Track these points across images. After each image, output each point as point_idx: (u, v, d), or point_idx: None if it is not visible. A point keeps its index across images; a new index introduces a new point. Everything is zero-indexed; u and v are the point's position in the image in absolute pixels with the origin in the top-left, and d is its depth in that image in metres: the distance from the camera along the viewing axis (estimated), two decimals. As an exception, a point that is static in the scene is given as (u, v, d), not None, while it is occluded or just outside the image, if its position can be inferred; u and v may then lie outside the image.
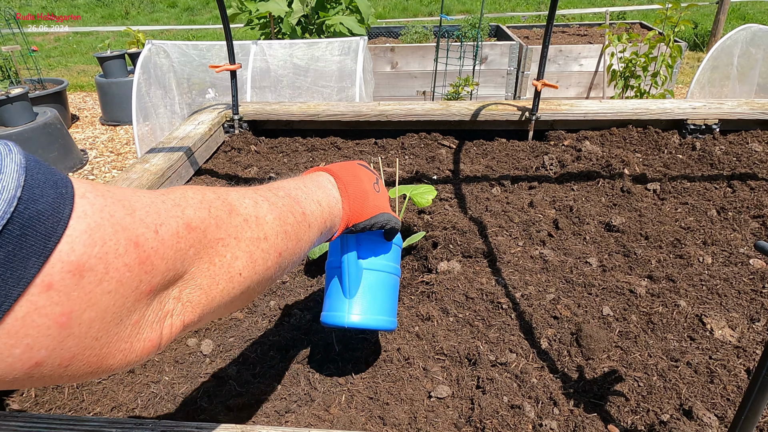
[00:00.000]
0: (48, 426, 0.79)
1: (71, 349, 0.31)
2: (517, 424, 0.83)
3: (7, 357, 0.29)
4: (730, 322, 1.01)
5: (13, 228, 0.27)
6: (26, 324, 0.29)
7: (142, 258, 0.33)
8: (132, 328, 0.35)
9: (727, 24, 6.03)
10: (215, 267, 0.40)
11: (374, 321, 0.82)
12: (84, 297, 0.30)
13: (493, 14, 6.71)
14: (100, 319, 0.32)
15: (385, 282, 0.84)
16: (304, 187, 0.60)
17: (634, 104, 1.84)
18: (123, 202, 0.34)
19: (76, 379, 0.34)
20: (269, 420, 0.86)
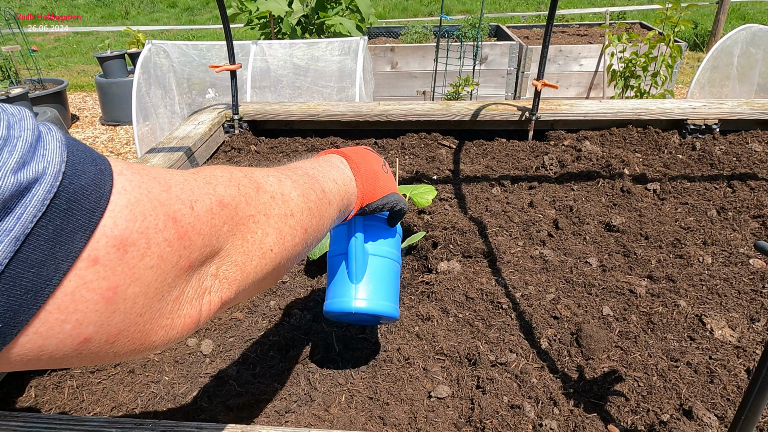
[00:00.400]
0: (48, 426, 0.79)
1: (117, 324, 0.32)
2: (517, 424, 0.83)
3: (58, 333, 0.29)
4: (730, 322, 1.01)
5: (60, 202, 0.28)
6: (75, 299, 0.29)
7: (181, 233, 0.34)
8: (173, 304, 0.35)
9: (727, 24, 6.03)
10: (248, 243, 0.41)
11: (380, 306, 0.81)
12: (128, 272, 0.31)
13: (493, 14, 6.71)
14: (143, 294, 0.32)
15: (389, 268, 0.84)
16: (319, 167, 0.60)
17: (634, 104, 1.84)
18: (158, 179, 0.35)
19: (120, 356, 0.35)
20: (269, 420, 0.86)
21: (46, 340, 0.29)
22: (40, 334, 0.29)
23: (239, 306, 1.13)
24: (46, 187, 0.27)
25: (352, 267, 0.80)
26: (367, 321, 0.91)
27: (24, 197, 0.27)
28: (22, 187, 0.26)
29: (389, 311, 0.83)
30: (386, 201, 0.71)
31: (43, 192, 0.27)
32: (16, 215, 0.26)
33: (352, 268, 0.80)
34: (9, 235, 0.26)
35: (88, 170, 0.30)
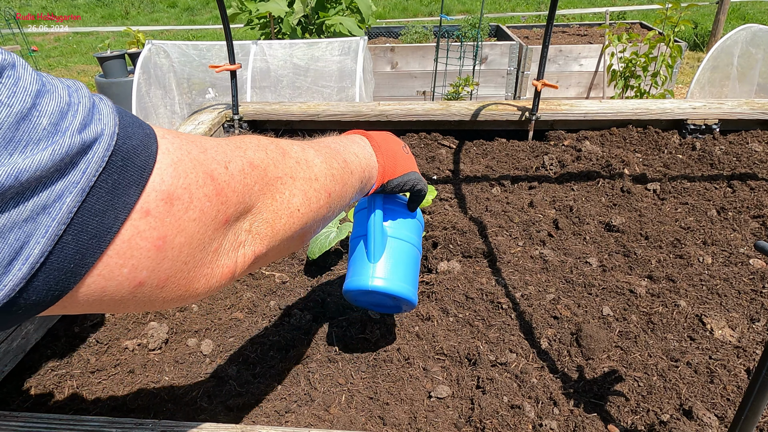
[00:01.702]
0: (48, 426, 0.79)
1: (166, 271, 0.36)
2: (517, 424, 0.83)
3: (117, 276, 0.34)
4: (730, 322, 1.01)
5: (116, 159, 0.32)
6: (131, 246, 0.33)
7: (218, 190, 0.38)
8: (212, 255, 0.40)
9: (727, 24, 6.03)
10: (277, 202, 0.45)
11: (397, 287, 0.81)
12: (175, 223, 0.35)
13: (493, 14, 6.71)
14: (188, 244, 0.37)
15: (408, 252, 0.84)
16: (341, 142, 0.64)
17: (634, 104, 1.84)
18: (195, 142, 0.39)
19: (168, 302, 0.39)
20: (269, 420, 0.86)
21: (108, 282, 0.34)
22: (102, 276, 0.33)
23: (239, 306, 1.13)
24: (104, 145, 0.32)
25: (370, 246, 0.81)
26: (385, 306, 0.90)
27: (86, 154, 0.31)
28: (85, 145, 0.31)
29: (406, 293, 0.83)
30: (407, 179, 0.74)
31: (102, 150, 0.31)
32: (81, 169, 0.31)
33: (371, 248, 0.81)
34: (77, 186, 0.30)
35: (137, 133, 0.34)
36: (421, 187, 0.78)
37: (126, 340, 1.05)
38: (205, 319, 1.10)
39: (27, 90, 0.29)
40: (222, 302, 1.15)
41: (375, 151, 0.69)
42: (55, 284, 0.31)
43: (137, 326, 1.09)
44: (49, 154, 0.29)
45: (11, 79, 0.29)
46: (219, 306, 1.14)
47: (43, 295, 0.31)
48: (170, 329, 1.07)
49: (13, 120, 0.28)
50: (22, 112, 0.28)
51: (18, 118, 0.28)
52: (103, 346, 1.04)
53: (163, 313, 1.12)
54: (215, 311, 1.12)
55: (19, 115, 0.28)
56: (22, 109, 0.28)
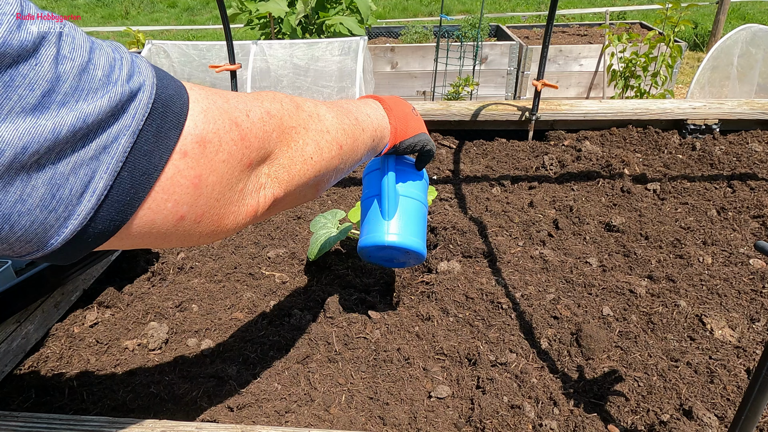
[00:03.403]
0: (48, 426, 0.79)
1: (202, 206, 0.41)
2: (517, 424, 0.83)
3: (163, 209, 0.39)
4: (730, 322, 1.01)
5: (158, 106, 0.37)
6: (174, 183, 0.38)
7: (242, 135, 0.43)
8: (239, 195, 0.44)
9: (727, 24, 6.03)
10: (292, 150, 0.50)
11: (411, 242, 0.86)
12: (208, 163, 0.40)
13: (493, 14, 6.70)
14: (219, 183, 0.41)
15: (418, 210, 0.90)
16: (354, 103, 0.68)
17: (634, 104, 1.84)
18: (219, 93, 0.44)
19: (203, 237, 0.44)
20: (269, 420, 0.86)
21: (156, 215, 0.38)
22: (152, 209, 0.38)
23: (239, 306, 1.13)
24: (147, 93, 0.36)
25: (384, 205, 0.86)
26: (396, 260, 0.94)
27: (134, 101, 0.35)
28: (132, 93, 0.35)
29: (419, 247, 0.88)
30: (418, 139, 0.78)
31: (147, 97, 0.36)
32: (131, 115, 0.35)
33: (385, 206, 0.86)
34: (129, 129, 0.35)
35: (171, 84, 0.39)
36: (430, 147, 0.82)
37: (126, 340, 1.05)
38: (205, 319, 1.10)
39: (83, 46, 0.34)
40: (222, 302, 1.15)
41: (387, 113, 0.73)
42: (116, 215, 0.36)
43: (137, 326, 1.09)
44: (107, 100, 0.34)
45: (70, 38, 0.33)
46: (219, 306, 1.14)
47: (107, 225, 0.36)
48: (170, 329, 1.07)
49: (76, 71, 0.33)
50: (82, 65, 0.33)
51: (80, 70, 0.33)
52: (103, 346, 1.04)
53: (163, 313, 1.12)
54: (215, 311, 1.12)
55: (81, 67, 0.33)
56: (81, 62, 0.33)
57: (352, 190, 1.62)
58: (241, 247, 1.35)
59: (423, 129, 0.81)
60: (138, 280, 1.23)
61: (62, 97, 0.32)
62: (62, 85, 0.32)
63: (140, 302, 1.15)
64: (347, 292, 1.15)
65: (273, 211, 0.52)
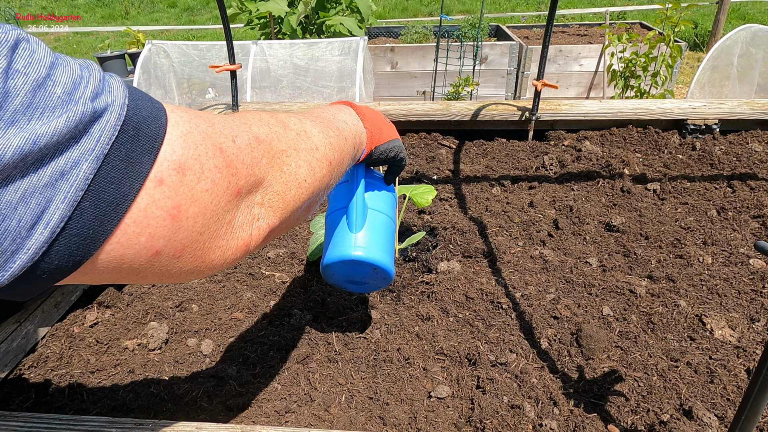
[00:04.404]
0: (48, 426, 0.79)
1: (182, 240, 0.37)
2: (517, 424, 0.83)
3: (135, 244, 0.35)
4: (730, 322, 1.01)
5: (128, 128, 0.33)
6: (147, 214, 0.35)
7: (227, 161, 0.39)
8: (227, 227, 0.41)
9: (727, 24, 6.03)
10: (285, 175, 0.47)
11: (379, 257, 0.81)
12: (188, 193, 0.36)
13: (493, 14, 6.71)
14: (202, 214, 0.38)
15: (386, 225, 0.85)
16: (330, 111, 0.66)
17: (634, 104, 1.84)
18: (202, 117, 0.41)
19: (185, 273, 0.40)
20: (269, 420, 0.86)
21: (126, 250, 0.35)
22: (121, 243, 0.34)
23: (239, 306, 1.13)
24: (116, 114, 0.33)
25: (352, 217, 0.80)
26: (361, 282, 0.88)
27: (98, 121, 0.32)
28: (96, 113, 0.32)
29: (386, 264, 0.82)
30: (392, 145, 0.76)
31: (114, 119, 0.33)
32: (95, 138, 0.32)
33: (353, 218, 0.80)
34: (92, 154, 0.32)
35: (146, 105, 0.36)
36: (403, 156, 0.80)
37: (126, 340, 1.05)
38: (205, 319, 1.10)
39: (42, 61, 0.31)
40: (222, 302, 1.15)
41: (361, 119, 0.70)
42: (76, 249, 0.33)
43: (137, 326, 1.09)
44: (64, 120, 0.30)
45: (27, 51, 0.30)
46: (219, 306, 1.14)
47: (65, 260, 0.33)
48: (170, 329, 1.07)
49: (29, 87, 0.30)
50: (38, 81, 0.30)
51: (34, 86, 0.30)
52: (103, 346, 1.04)
53: (163, 313, 1.12)
54: (215, 311, 1.12)
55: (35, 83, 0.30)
56: (37, 78, 0.30)
57: (352, 190, 1.62)
58: (241, 247, 1.35)
59: (396, 135, 0.79)
60: (138, 280, 1.23)
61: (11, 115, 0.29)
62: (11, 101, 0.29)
63: (140, 302, 1.15)
64: (347, 292, 1.15)
65: (266, 242, 0.49)
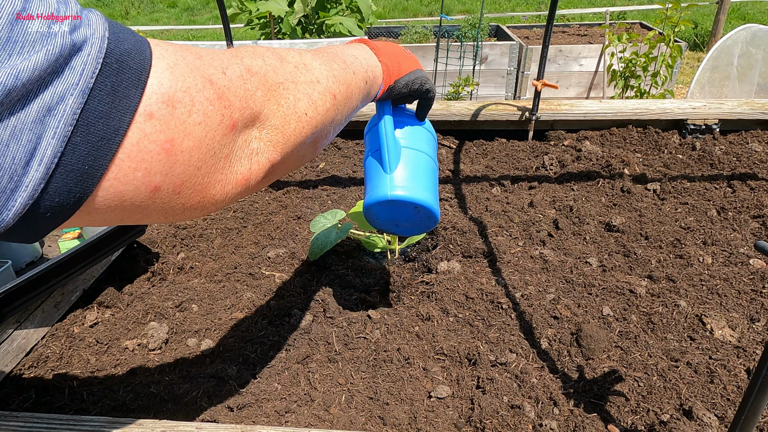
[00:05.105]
0: (48, 426, 0.79)
1: (180, 175, 0.37)
2: (517, 424, 0.83)
3: (132, 180, 0.35)
4: (730, 322, 1.01)
5: (111, 61, 0.33)
6: (141, 149, 0.34)
7: (219, 94, 0.39)
8: (224, 161, 0.40)
9: (727, 24, 6.03)
10: (283, 108, 0.46)
11: (419, 195, 0.77)
12: (180, 126, 0.36)
13: (493, 14, 6.70)
14: (197, 148, 0.37)
15: (425, 163, 0.81)
16: (338, 47, 0.63)
17: (634, 104, 1.84)
18: (190, 50, 0.40)
19: (188, 210, 0.40)
20: (269, 420, 0.86)
21: (125, 186, 0.35)
22: (118, 179, 0.34)
23: (239, 306, 1.13)
24: (97, 47, 0.32)
25: (384, 156, 0.77)
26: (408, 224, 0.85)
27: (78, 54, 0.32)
28: (76, 46, 0.31)
29: (429, 203, 0.78)
30: (414, 77, 0.71)
31: (96, 51, 0.32)
32: (78, 71, 0.31)
33: (385, 157, 0.77)
34: (77, 88, 0.31)
35: (129, 38, 0.35)
36: (429, 86, 0.75)
37: (126, 340, 1.05)
38: (205, 319, 1.10)
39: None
40: (222, 302, 1.15)
41: (375, 53, 0.67)
42: (74, 186, 0.33)
43: (137, 326, 1.09)
44: (44, 54, 0.30)
45: None
46: (219, 306, 1.14)
47: (65, 198, 0.33)
48: (170, 329, 1.07)
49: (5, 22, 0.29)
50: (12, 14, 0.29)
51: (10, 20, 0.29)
52: (103, 346, 1.04)
53: (163, 313, 1.12)
54: (215, 311, 1.12)
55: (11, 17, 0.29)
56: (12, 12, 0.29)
57: (352, 190, 1.62)
58: (241, 247, 1.35)
59: (418, 66, 0.74)
60: (138, 280, 1.23)
61: None
62: None
63: (140, 302, 1.15)
64: (347, 292, 1.15)
65: (271, 178, 0.48)
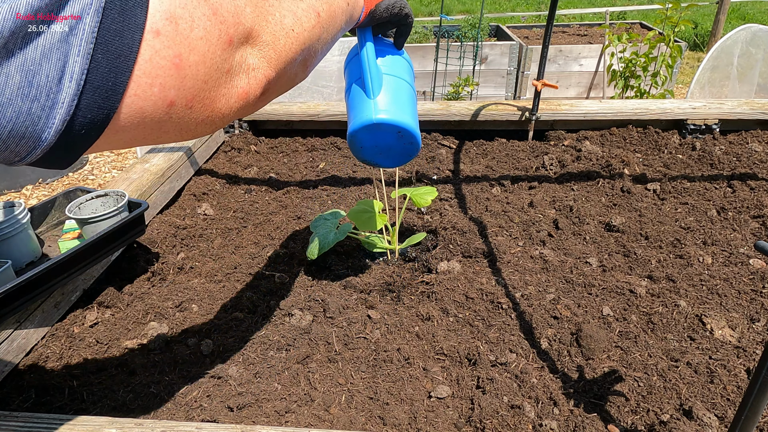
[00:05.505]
0: (48, 426, 0.79)
1: (190, 89, 0.40)
2: (517, 424, 0.83)
3: (150, 95, 0.38)
4: (730, 322, 1.01)
5: None
6: (154, 65, 0.37)
7: (213, 9, 0.42)
8: (226, 76, 0.44)
9: (727, 24, 6.03)
10: (271, 24, 0.49)
11: (403, 119, 0.80)
12: (185, 42, 0.39)
13: (493, 14, 6.70)
14: (203, 63, 0.41)
15: (406, 90, 0.84)
16: None
17: (634, 104, 1.84)
18: None
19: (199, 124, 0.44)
20: (269, 420, 0.86)
21: (144, 102, 0.38)
22: (138, 95, 0.37)
23: (239, 306, 1.13)
24: None
25: (368, 82, 0.80)
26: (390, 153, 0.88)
27: None
28: None
29: (412, 127, 0.82)
30: (394, 1, 0.74)
31: None
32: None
33: (368, 83, 0.80)
34: (92, 7, 0.34)
35: None
36: (408, 12, 0.78)
37: (126, 340, 1.05)
38: (205, 319, 1.10)
39: None
40: (222, 302, 1.15)
41: None
42: (102, 101, 0.36)
43: (137, 326, 1.09)
44: None
45: None
46: (219, 306, 1.14)
47: (95, 113, 0.36)
48: (170, 329, 1.07)
49: None
50: None
51: None
52: (103, 346, 1.04)
53: (163, 313, 1.12)
54: (215, 311, 1.12)
55: None
56: None
57: (352, 190, 1.62)
58: (241, 247, 1.35)
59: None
60: (138, 280, 1.23)
61: None
62: None
63: (140, 302, 1.15)
64: (347, 292, 1.15)
65: (268, 96, 0.51)
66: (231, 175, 1.73)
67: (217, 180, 1.69)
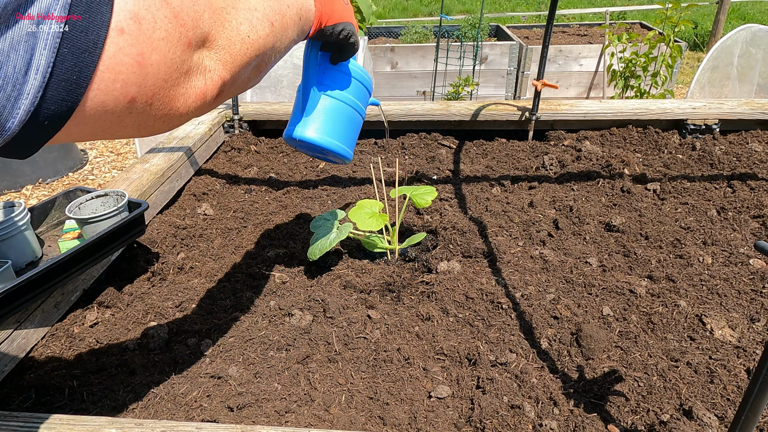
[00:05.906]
0: (48, 426, 0.79)
1: (151, 87, 0.42)
2: (517, 424, 0.83)
3: (112, 90, 0.39)
4: (730, 322, 1.01)
5: None
6: (117, 62, 0.39)
7: (174, 13, 0.43)
8: (185, 77, 0.46)
9: (727, 24, 6.03)
10: (227, 30, 0.51)
11: (326, 141, 0.86)
12: (147, 41, 0.40)
13: (493, 14, 6.70)
14: (164, 62, 0.42)
15: (343, 112, 0.89)
16: None
17: (634, 104, 1.84)
18: None
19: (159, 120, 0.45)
20: (269, 420, 0.86)
21: (106, 96, 0.39)
22: (101, 90, 0.39)
23: (239, 306, 1.13)
24: None
25: (299, 99, 0.86)
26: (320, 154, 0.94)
27: None
28: None
29: (334, 148, 0.88)
30: (342, 27, 0.78)
31: None
32: None
33: (299, 101, 0.86)
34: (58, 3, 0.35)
35: None
36: (354, 39, 0.82)
37: (126, 340, 1.05)
38: (205, 319, 1.10)
39: None
40: (222, 302, 1.15)
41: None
42: (66, 94, 0.37)
43: (137, 326, 1.09)
44: None
45: None
46: (219, 306, 1.14)
47: (59, 105, 0.37)
48: (170, 329, 1.07)
49: None
50: None
51: None
52: (103, 346, 1.04)
53: (163, 313, 1.12)
54: (215, 311, 1.12)
55: None
56: None
57: (352, 190, 1.62)
58: (241, 247, 1.35)
59: (351, 19, 0.80)
60: (138, 280, 1.23)
61: None
62: None
63: (140, 302, 1.15)
64: (347, 292, 1.15)
65: (223, 97, 0.54)
66: (231, 175, 1.73)
67: (217, 180, 1.69)
